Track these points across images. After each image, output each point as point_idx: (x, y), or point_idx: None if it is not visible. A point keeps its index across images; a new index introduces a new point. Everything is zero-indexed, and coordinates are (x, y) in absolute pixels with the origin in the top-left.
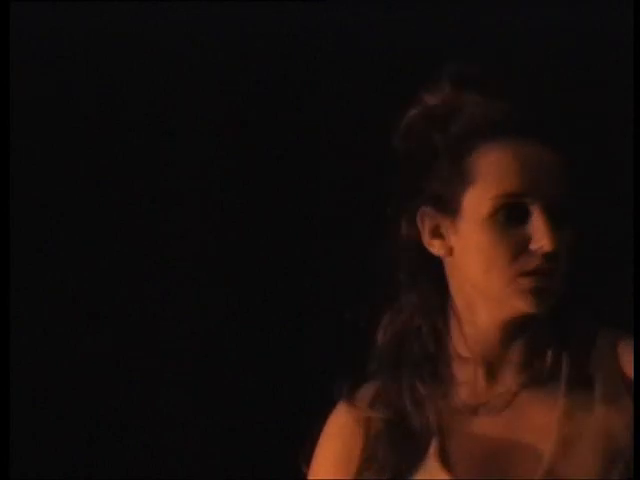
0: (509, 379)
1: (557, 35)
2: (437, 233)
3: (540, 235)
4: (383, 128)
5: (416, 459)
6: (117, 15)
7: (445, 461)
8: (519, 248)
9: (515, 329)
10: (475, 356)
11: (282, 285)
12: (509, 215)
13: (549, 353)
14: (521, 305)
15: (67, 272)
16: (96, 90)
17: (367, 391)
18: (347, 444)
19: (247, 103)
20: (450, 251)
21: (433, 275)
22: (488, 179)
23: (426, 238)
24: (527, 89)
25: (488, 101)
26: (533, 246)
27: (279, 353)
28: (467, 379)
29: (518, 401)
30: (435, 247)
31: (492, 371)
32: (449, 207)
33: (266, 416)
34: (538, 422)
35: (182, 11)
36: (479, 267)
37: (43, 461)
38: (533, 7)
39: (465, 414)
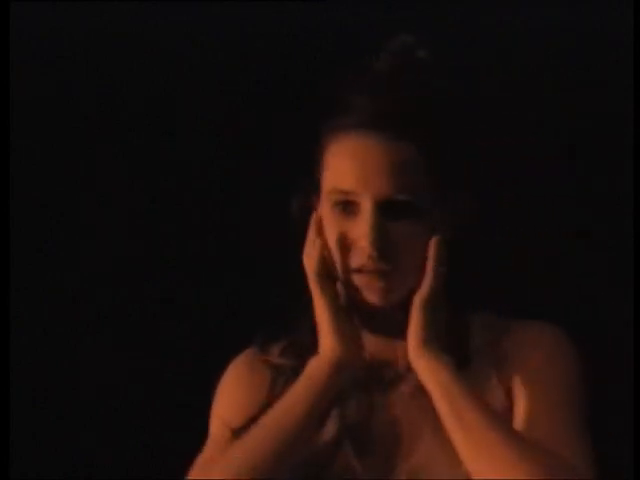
0: (401, 359)
1: (557, 35)
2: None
3: (363, 236)
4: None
5: None
6: (117, 15)
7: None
8: (351, 244)
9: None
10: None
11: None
12: (344, 210)
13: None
14: (366, 297)
15: (67, 272)
16: (96, 90)
17: (280, 343)
18: (253, 384)
19: (247, 103)
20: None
21: None
22: (328, 173)
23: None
24: (386, 82)
25: (358, 95)
26: (359, 245)
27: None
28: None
29: (409, 378)
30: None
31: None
32: (318, 201)
33: None
34: (418, 403)
35: (182, 11)
36: (335, 258)
37: (43, 461)
38: (533, 7)
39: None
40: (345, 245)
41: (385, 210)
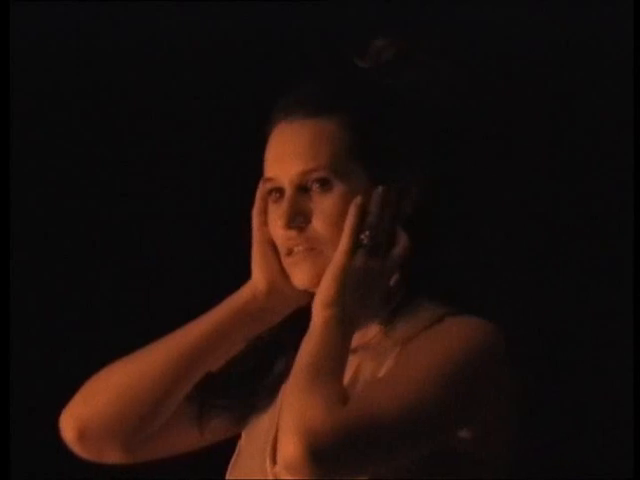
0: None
1: (557, 35)
2: None
3: (279, 217)
4: None
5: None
6: (117, 15)
7: None
8: (282, 230)
9: None
10: None
11: None
12: (278, 200)
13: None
14: (294, 279)
15: (67, 272)
16: (96, 90)
17: None
18: None
19: (247, 103)
20: None
21: None
22: (264, 162)
23: None
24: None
25: (293, 88)
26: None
27: None
28: None
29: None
30: None
31: None
32: None
33: None
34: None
35: (182, 11)
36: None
37: (43, 461)
38: (533, 7)
39: None
40: (278, 234)
41: (305, 190)
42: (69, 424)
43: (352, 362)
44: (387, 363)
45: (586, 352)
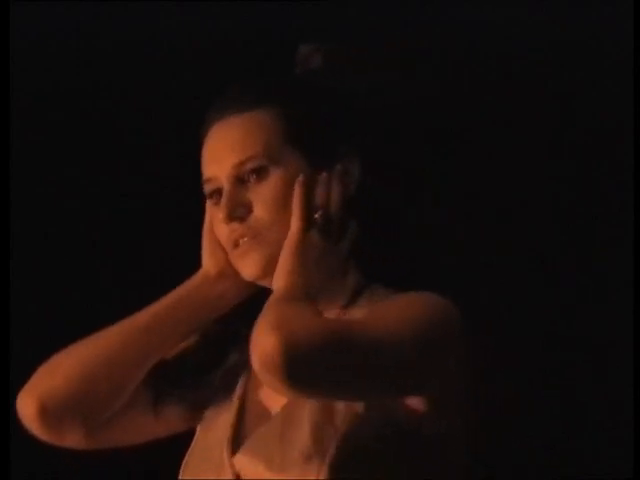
0: None
1: (557, 35)
2: None
3: (220, 212)
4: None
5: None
6: (117, 15)
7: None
8: (224, 226)
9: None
10: None
11: None
12: (217, 200)
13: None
14: (242, 272)
15: (67, 272)
16: (96, 90)
17: None
18: None
19: None
20: None
21: None
22: (201, 165)
23: None
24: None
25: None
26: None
27: None
28: None
29: None
30: None
31: None
32: None
33: None
34: None
35: (182, 11)
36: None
37: (43, 460)
38: (533, 7)
39: None
40: (222, 231)
41: (243, 182)
42: (28, 401)
43: None
44: None
45: (586, 352)
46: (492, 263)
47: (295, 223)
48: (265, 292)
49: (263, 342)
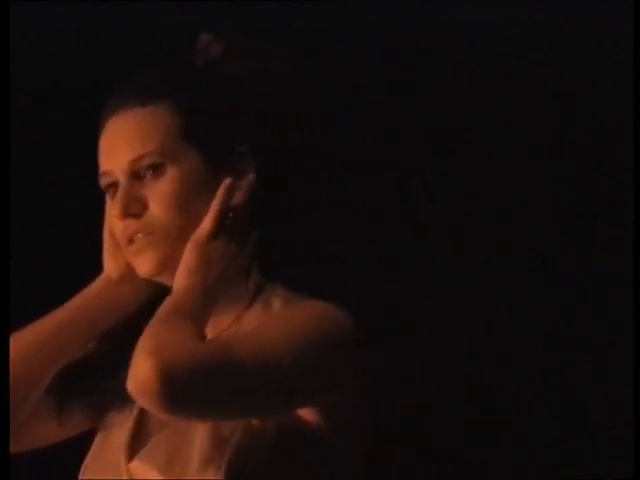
0: None
1: (557, 35)
2: None
3: (115, 207)
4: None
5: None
6: (117, 15)
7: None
8: (119, 221)
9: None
10: None
11: None
12: (114, 193)
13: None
14: (138, 270)
15: (67, 272)
16: (96, 90)
17: None
18: None
19: None
20: None
21: None
22: (98, 159)
23: None
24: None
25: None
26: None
27: None
28: None
29: None
30: None
31: None
32: None
33: None
34: None
35: (182, 11)
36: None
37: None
38: (533, 7)
39: None
40: (117, 227)
41: (139, 178)
42: None
43: None
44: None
45: (586, 352)
46: (492, 263)
47: (206, 223)
48: (167, 292)
49: (138, 368)
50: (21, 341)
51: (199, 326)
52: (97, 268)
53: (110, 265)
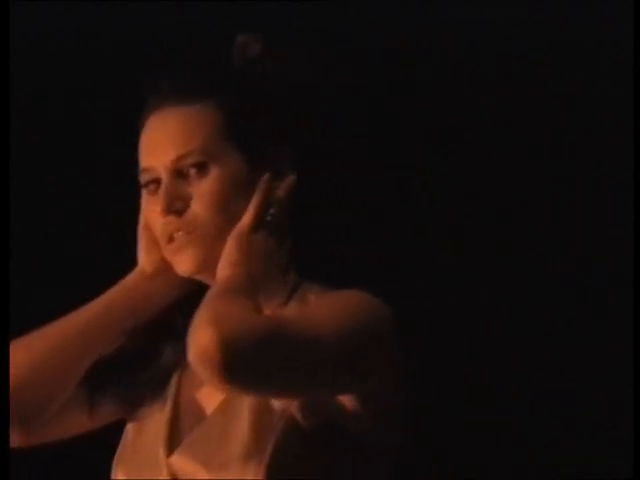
0: None
1: (557, 35)
2: None
3: (157, 204)
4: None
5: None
6: (117, 15)
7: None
8: (160, 218)
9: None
10: None
11: None
12: (155, 191)
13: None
14: (177, 268)
15: (67, 272)
16: (96, 90)
17: None
18: None
19: None
20: None
21: None
22: (139, 155)
23: None
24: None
25: (165, 79)
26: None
27: None
28: None
29: None
30: None
31: None
32: None
33: None
34: None
35: (182, 11)
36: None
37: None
38: (533, 7)
39: None
40: (157, 223)
41: (182, 176)
42: None
43: None
44: None
45: (586, 352)
46: (492, 263)
47: (248, 217)
48: (202, 288)
49: (200, 337)
50: (54, 334)
51: (252, 302)
52: (97, 268)
53: (145, 259)
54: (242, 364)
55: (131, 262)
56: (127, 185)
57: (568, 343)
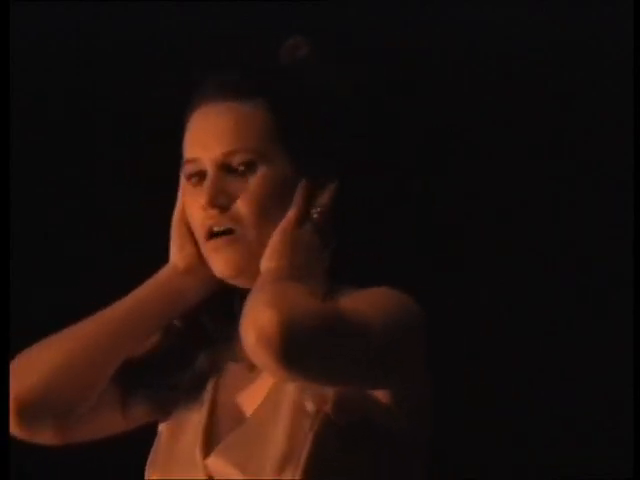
0: None
1: (557, 35)
2: None
3: (202, 197)
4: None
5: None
6: (117, 15)
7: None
8: (202, 211)
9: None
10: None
11: None
12: (198, 182)
13: None
14: (214, 268)
15: (67, 272)
16: (96, 90)
17: None
18: None
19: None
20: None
21: None
22: (184, 145)
23: None
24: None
25: (213, 73)
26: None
27: None
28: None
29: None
30: None
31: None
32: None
33: None
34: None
35: (182, 11)
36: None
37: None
38: (533, 7)
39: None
40: (201, 212)
41: (229, 172)
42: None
43: None
44: None
45: (586, 352)
46: (492, 263)
47: (293, 211)
48: (232, 289)
49: (260, 317)
50: (91, 324)
51: (306, 288)
52: (97, 268)
53: (177, 255)
54: (301, 347)
55: (131, 262)
56: (127, 185)
57: (568, 343)
